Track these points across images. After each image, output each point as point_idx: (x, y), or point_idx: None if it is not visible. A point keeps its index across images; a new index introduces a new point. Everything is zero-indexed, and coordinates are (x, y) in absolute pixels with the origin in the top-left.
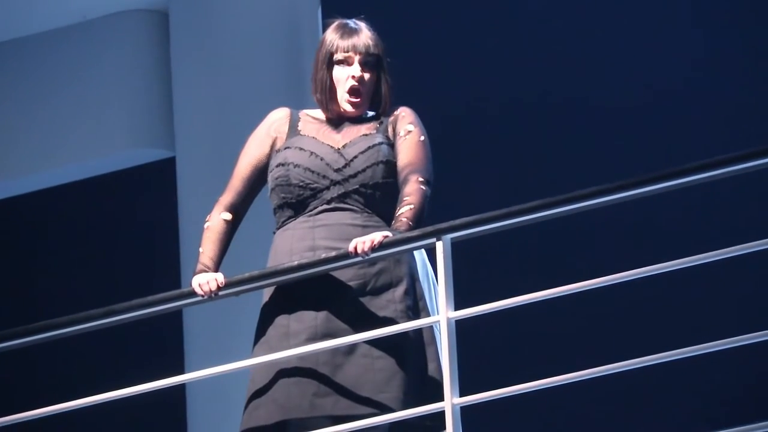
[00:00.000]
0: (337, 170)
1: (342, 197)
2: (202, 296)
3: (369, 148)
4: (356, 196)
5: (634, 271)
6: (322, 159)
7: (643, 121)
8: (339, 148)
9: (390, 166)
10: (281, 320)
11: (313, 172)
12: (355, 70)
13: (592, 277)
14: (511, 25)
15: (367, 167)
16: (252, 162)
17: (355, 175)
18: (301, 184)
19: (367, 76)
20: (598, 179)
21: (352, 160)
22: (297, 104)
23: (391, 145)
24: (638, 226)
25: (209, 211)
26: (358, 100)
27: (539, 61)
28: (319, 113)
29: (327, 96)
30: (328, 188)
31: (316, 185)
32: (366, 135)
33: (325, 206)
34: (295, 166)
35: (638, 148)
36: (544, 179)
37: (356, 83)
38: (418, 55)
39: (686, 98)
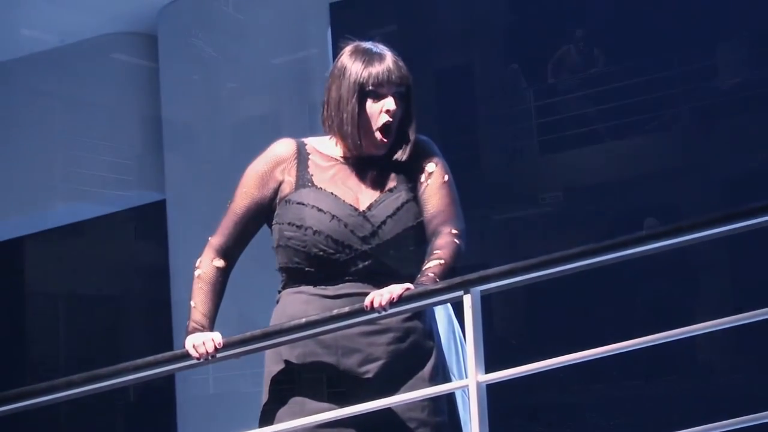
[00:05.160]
0: (363, 238)
1: (368, 268)
2: (198, 359)
3: (397, 210)
4: (383, 268)
5: (690, 327)
6: (346, 225)
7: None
8: (363, 211)
9: (419, 227)
10: (295, 399)
11: (336, 241)
12: (390, 103)
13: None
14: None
15: (398, 234)
16: (251, 205)
17: (383, 245)
18: (321, 254)
19: (398, 110)
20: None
21: (380, 227)
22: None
23: (415, 195)
24: (684, 275)
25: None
26: (388, 140)
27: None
28: (326, 146)
29: (357, 131)
30: (353, 259)
31: (339, 255)
32: (390, 190)
33: (349, 278)
34: (315, 232)
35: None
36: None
37: (390, 119)
38: (441, 81)
39: None
